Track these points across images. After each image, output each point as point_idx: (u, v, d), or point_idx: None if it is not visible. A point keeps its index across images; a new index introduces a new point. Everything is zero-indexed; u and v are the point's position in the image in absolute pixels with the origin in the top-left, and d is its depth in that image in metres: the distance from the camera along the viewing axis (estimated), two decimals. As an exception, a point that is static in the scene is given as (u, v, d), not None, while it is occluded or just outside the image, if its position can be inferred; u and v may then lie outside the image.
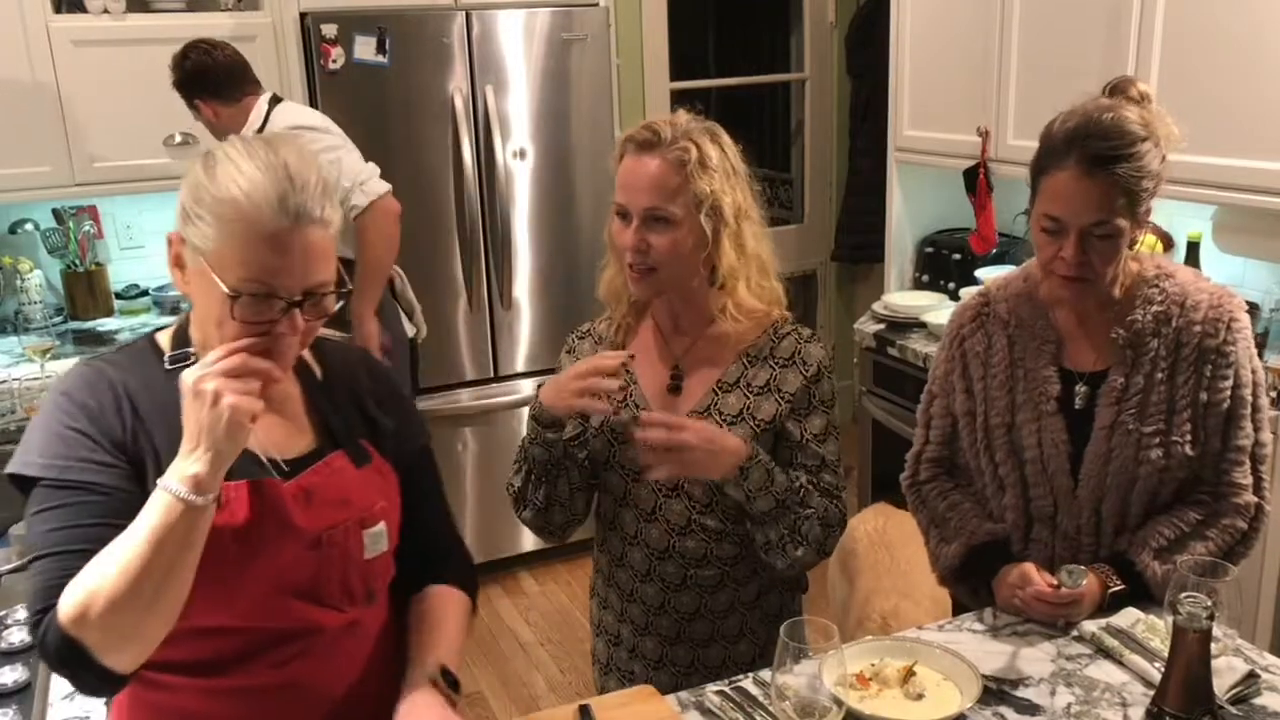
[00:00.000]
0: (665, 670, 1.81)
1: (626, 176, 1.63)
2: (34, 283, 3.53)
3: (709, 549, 1.73)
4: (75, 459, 1.23)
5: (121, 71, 3.38)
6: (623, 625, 1.84)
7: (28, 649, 1.60)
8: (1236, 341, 1.67)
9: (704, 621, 1.77)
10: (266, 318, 1.21)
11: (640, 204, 1.61)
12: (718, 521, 1.71)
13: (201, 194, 1.22)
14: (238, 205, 1.19)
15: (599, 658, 1.92)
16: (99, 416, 1.26)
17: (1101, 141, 1.57)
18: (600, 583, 1.88)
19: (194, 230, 1.23)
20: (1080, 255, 1.61)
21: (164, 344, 1.36)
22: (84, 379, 1.30)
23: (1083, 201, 1.58)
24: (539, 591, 3.89)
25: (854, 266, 5.05)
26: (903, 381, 3.28)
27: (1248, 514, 1.70)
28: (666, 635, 1.79)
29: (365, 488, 1.38)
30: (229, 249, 1.20)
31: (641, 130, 1.63)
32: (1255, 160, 2.47)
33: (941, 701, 1.47)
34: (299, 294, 1.21)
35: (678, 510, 1.72)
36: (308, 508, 1.32)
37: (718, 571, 1.74)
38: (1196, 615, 1.30)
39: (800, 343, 1.72)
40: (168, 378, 1.29)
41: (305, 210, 1.20)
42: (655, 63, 4.53)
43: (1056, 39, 2.94)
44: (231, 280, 1.20)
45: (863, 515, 2.75)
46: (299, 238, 1.20)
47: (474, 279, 3.75)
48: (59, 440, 1.24)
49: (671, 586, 1.76)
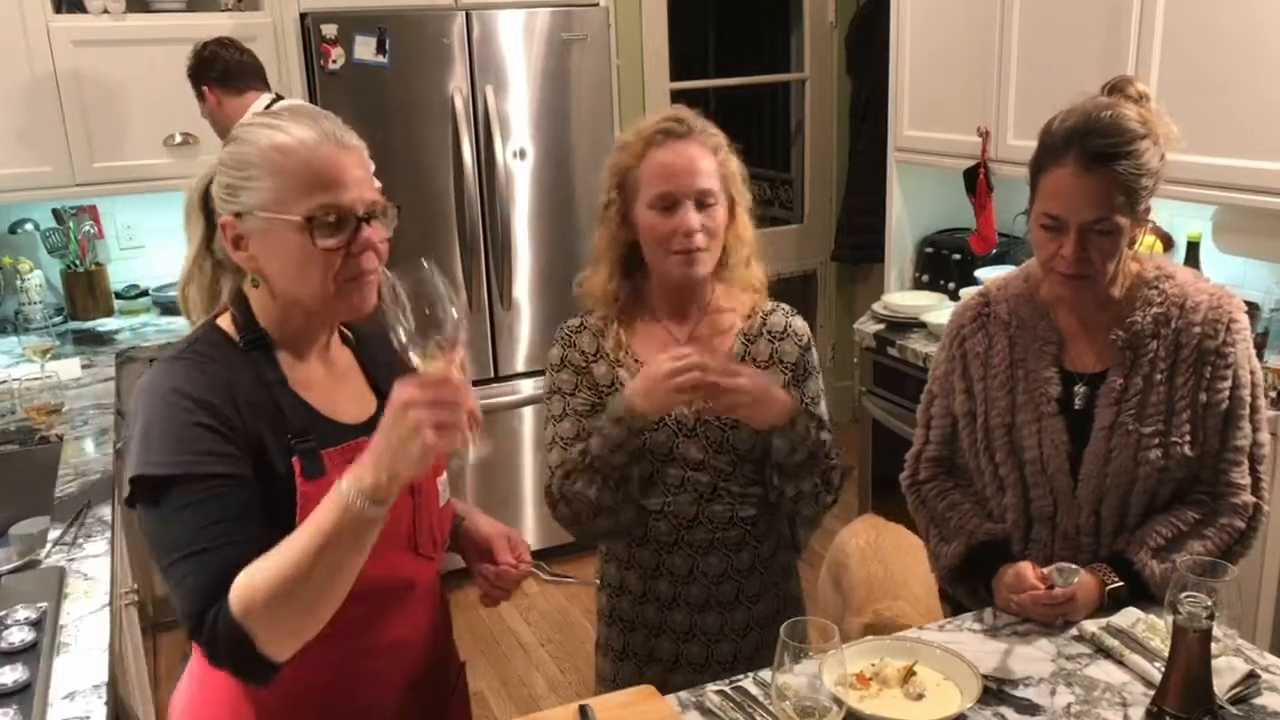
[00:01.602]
0: (696, 641, 1.85)
1: (669, 165, 1.69)
2: (34, 283, 3.53)
3: (734, 511, 1.80)
4: (207, 453, 1.25)
5: (121, 72, 3.38)
6: (645, 606, 1.85)
7: (28, 649, 1.60)
8: (1236, 342, 1.68)
9: (730, 583, 1.84)
10: (344, 239, 1.28)
11: (694, 187, 1.69)
12: (739, 485, 1.80)
13: (246, 158, 1.29)
14: (286, 146, 1.28)
15: (612, 646, 1.91)
16: (219, 409, 1.27)
17: (1100, 139, 1.57)
18: (614, 570, 1.89)
19: (247, 194, 1.29)
20: (1080, 252, 1.61)
21: (228, 329, 1.37)
22: (188, 373, 1.30)
23: (1082, 198, 1.58)
24: (539, 591, 3.89)
25: (854, 266, 5.05)
26: (903, 381, 3.28)
27: (1246, 514, 1.70)
28: (695, 603, 1.84)
29: None
30: (289, 187, 1.27)
31: (668, 122, 1.71)
32: (1255, 160, 2.47)
33: (942, 701, 1.47)
34: (363, 210, 1.29)
35: (704, 481, 1.78)
36: None
37: (741, 531, 1.82)
38: (1197, 615, 1.30)
39: (788, 316, 1.87)
40: (249, 361, 1.34)
41: (344, 138, 1.31)
42: (655, 63, 4.53)
43: (1056, 39, 2.94)
44: (300, 212, 1.27)
45: (853, 528, 2.73)
46: (346, 158, 1.30)
47: (474, 279, 3.75)
48: (186, 437, 1.25)
49: (700, 551, 1.81)
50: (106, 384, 2.99)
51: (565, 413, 1.78)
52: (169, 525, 1.23)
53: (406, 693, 1.46)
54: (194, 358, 1.32)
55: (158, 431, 1.26)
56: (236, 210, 1.30)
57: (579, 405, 1.78)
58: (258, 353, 1.34)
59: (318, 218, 1.26)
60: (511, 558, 1.56)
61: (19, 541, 1.96)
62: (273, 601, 1.17)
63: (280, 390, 1.34)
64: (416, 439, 1.13)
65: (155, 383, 1.30)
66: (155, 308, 3.80)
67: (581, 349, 1.81)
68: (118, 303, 3.77)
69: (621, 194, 1.74)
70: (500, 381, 3.89)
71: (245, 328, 1.36)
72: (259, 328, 1.36)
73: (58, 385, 2.69)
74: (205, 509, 1.23)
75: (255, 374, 1.33)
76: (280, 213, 1.27)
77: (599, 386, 1.78)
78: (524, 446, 3.97)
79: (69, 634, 1.68)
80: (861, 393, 3.55)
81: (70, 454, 2.44)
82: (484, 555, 1.57)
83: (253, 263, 1.32)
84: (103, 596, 1.79)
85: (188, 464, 1.24)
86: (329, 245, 1.27)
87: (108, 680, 1.56)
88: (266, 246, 1.30)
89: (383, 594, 1.39)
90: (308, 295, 1.31)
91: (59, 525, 2.05)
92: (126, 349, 3.37)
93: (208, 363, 1.32)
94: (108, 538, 1.99)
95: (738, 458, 1.78)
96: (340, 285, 1.30)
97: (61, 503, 2.16)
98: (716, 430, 1.76)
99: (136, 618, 2.56)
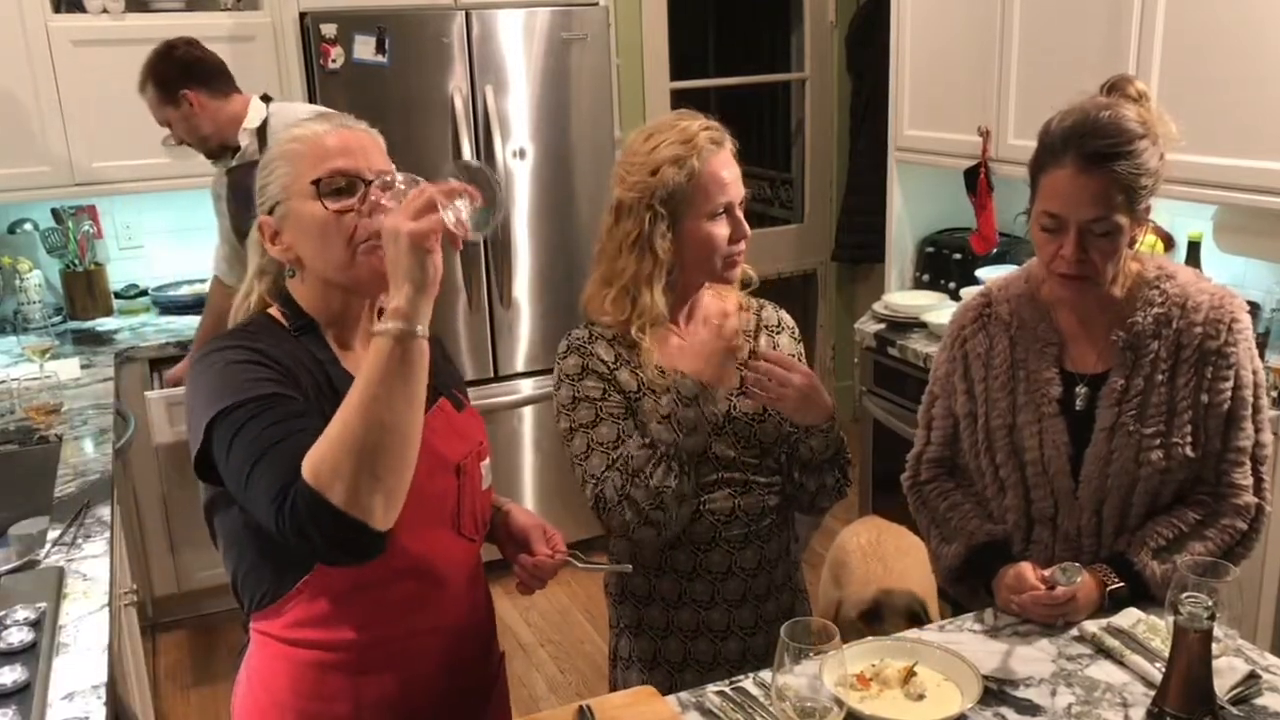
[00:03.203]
0: (733, 638, 1.86)
1: (723, 175, 1.71)
2: (33, 283, 3.53)
3: (764, 502, 1.83)
4: (260, 380, 1.30)
5: (121, 71, 3.36)
6: (679, 611, 1.84)
7: (27, 649, 1.60)
8: (1238, 343, 1.67)
9: (764, 575, 1.86)
10: (354, 201, 1.35)
11: (737, 195, 1.73)
12: (765, 476, 1.83)
13: (268, 158, 1.41)
14: (297, 136, 1.39)
15: (638, 657, 1.88)
16: (276, 360, 1.34)
17: (1099, 139, 1.57)
18: (639, 580, 1.85)
19: (272, 186, 1.39)
20: (1080, 253, 1.60)
21: (279, 318, 1.44)
22: (239, 343, 1.36)
23: (1081, 198, 1.58)
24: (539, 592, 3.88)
25: (854, 266, 5.05)
26: (903, 381, 3.27)
27: (1248, 515, 1.69)
28: (733, 599, 1.84)
29: (470, 426, 1.53)
30: (302, 165, 1.37)
31: (712, 130, 1.72)
32: (1255, 160, 2.47)
33: (942, 702, 1.47)
34: (372, 175, 1.35)
35: (736, 477, 1.80)
36: (443, 441, 1.44)
37: (770, 521, 1.85)
38: (1197, 615, 1.29)
39: (776, 310, 1.92)
40: (298, 344, 1.40)
41: (350, 123, 1.42)
42: (655, 62, 4.53)
43: (1056, 39, 2.94)
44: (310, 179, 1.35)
45: (855, 528, 2.73)
46: (354, 135, 1.40)
47: (474, 279, 3.75)
48: (233, 375, 1.30)
49: (737, 546, 1.82)
50: (106, 384, 2.99)
51: (600, 417, 1.74)
52: (237, 443, 1.25)
53: (450, 678, 1.50)
54: (244, 336, 1.38)
55: (204, 385, 1.31)
56: (269, 206, 1.40)
57: (613, 409, 1.75)
58: (308, 336, 1.41)
59: (324, 180, 1.35)
60: (547, 549, 1.60)
61: (18, 542, 1.96)
62: (340, 454, 1.17)
63: (334, 369, 1.40)
64: (401, 243, 1.18)
65: (206, 360, 1.35)
66: (154, 307, 3.80)
67: (600, 357, 1.76)
68: (117, 302, 3.77)
69: (668, 211, 1.69)
70: (500, 381, 3.89)
71: (293, 317, 1.43)
72: (305, 315, 1.42)
73: (57, 385, 2.69)
74: (265, 417, 1.26)
75: (308, 353, 1.39)
76: (298, 190, 1.36)
77: (626, 392, 1.75)
78: (524, 446, 3.97)
79: (68, 634, 1.68)
80: (862, 393, 3.55)
81: (69, 454, 2.43)
82: (520, 546, 1.62)
83: (289, 252, 1.40)
84: (102, 597, 1.79)
85: (244, 389, 1.28)
86: (338, 207, 1.35)
87: (107, 681, 1.56)
88: (294, 228, 1.38)
89: (428, 573, 1.43)
90: (333, 266, 1.37)
91: (58, 525, 2.04)
92: (126, 349, 3.37)
93: (260, 336, 1.38)
94: (107, 538, 1.99)
95: (763, 450, 1.81)
96: (358, 251, 1.36)
97: (60, 503, 2.16)
98: (744, 425, 1.78)
99: (136, 618, 2.55)
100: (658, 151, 1.69)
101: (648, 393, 1.75)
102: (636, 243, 1.71)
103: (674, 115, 1.75)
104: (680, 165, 1.67)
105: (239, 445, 1.25)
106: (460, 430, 1.51)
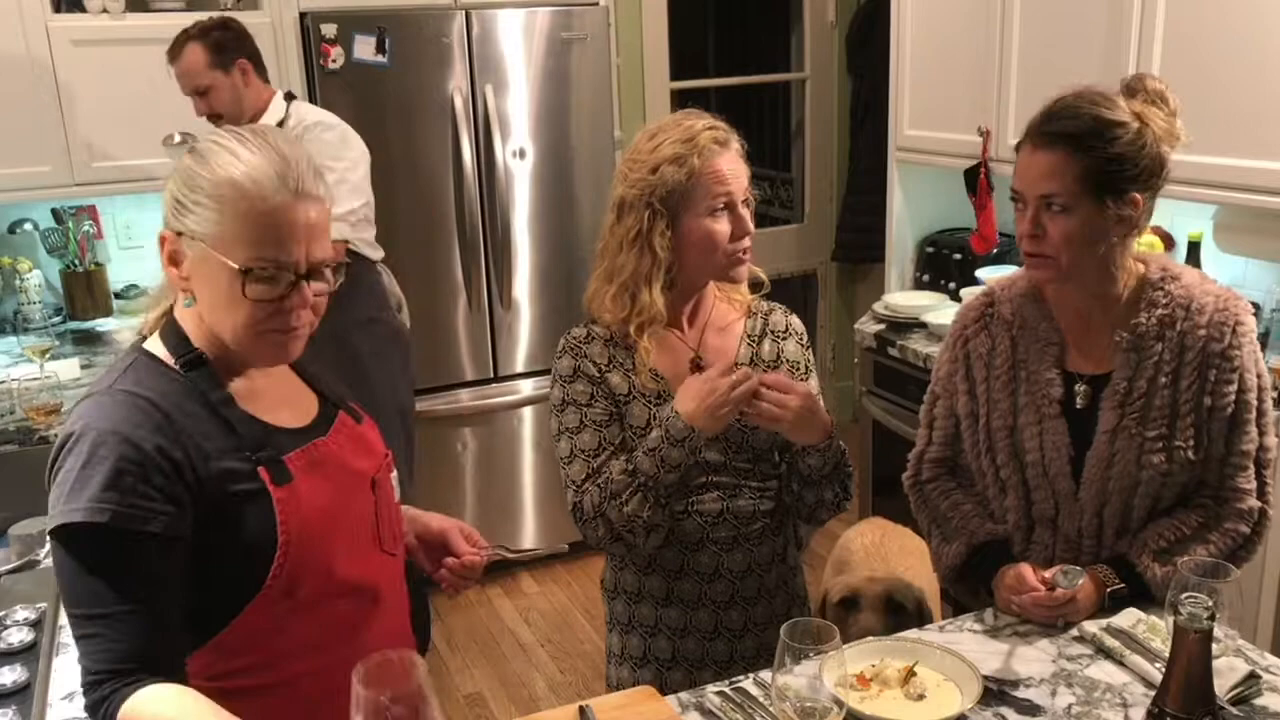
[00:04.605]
0: (721, 639, 1.85)
1: (725, 172, 1.70)
2: (33, 283, 3.52)
3: (755, 506, 1.82)
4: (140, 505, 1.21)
5: (121, 71, 3.37)
6: (667, 609, 1.84)
7: (27, 649, 1.60)
8: (1242, 345, 1.67)
9: (753, 577, 1.84)
10: (277, 294, 1.25)
11: (739, 191, 1.72)
12: (758, 480, 1.82)
13: (197, 181, 1.24)
14: (238, 185, 1.22)
15: (630, 654, 1.89)
16: (157, 454, 1.23)
17: (1057, 120, 1.62)
18: (630, 577, 1.86)
19: (192, 218, 1.25)
20: (1034, 228, 1.64)
21: (159, 353, 1.33)
22: (126, 412, 1.24)
23: (1035, 173, 1.63)
24: (539, 592, 3.89)
25: (854, 266, 5.05)
26: (903, 382, 3.27)
27: (1250, 518, 1.69)
28: (720, 601, 1.83)
29: (372, 438, 1.49)
30: (233, 229, 1.22)
31: (716, 130, 1.71)
32: (1255, 160, 2.47)
33: (942, 702, 1.47)
34: (305, 268, 1.25)
35: (726, 481, 1.79)
36: (353, 456, 1.41)
37: (762, 525, 1.84)
38: (1197, 615, 1.29)
39: (785, 315, 1.90)
40: (188, 384, 1.29)
41: (304, 187, 1.25)
42: (655, 62, 4.53)
43: (1056, 39, 2.94)
44: (239, 259, 1.22)
45: (859, 529, 2.73)
46: (301, 212, 1.24)
47: (473, 279, 3.75)
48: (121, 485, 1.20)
49: (725, 548, 1.81)
50: (106, 384, 2.98)
51: (584, 424, 1.75)
52: (86, 578, 1.20)
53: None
54: (129, 394, 1.26)
55: (91, 476, 1.20)
56: (179, 229, 1.26)
57: (598, 416, 1.75)
58: (196, 373, 1.30)
59: (254, 270, 1.23)
60: (469, 547, 1.57)
61: (18, 542, 1.96)
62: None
63: (228, 409, 1.30)
64: None
65: (89, 423, 1.24)
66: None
67: (593, 359, 1.76)
68: (117, 303, 3.76)
69: (668, 210, 1.69)
70: (500, 381, 3.89)
71: (178, 350, 1.31)
72: (192, 347, 1.31)
73: (57, 385, 2.69)
74: (127, 568, 1.20)
75: (198, 395, 1.28)
76: (220, 251, 1.23)
77: (615, 396, 1.75)
78: (524, 446, 3.97)
79: (68, 634, 1.67)
80: (862, 393, 3.54)
81: (69, 454, 2.43)
82: (440, 550, 1.58)
83: (185, 284, 1.29)
84: (102, 597, 1.78)
85: (120, 515, 1.19)
86: (260, 297, 1.24)
87: (106, 681, 1.55)
88: (200, 274, 1.27)
89: (362, 593, 1.38)
90: (228, 333, 1.28)
91: (58, 525, 2.04)
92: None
93: (143, 397, 1.26)
94: (107, 538, 1.98)
95: (755, 456, 1.80)
96: (262, 333, 1.27)
97: (60, 503, 2.15)
98: (736, 434, 1.77)
99: (136, 618, 2.55)
100: (660, 150, 1.69)
101: (638, 396, 1.74)
102: (636, 240, 1.71)
103: (680, 114, 1.75)
104: (680, 164, 1.67)
105: (93, 580, 1.19)
106: (365, 443, 1.45)
